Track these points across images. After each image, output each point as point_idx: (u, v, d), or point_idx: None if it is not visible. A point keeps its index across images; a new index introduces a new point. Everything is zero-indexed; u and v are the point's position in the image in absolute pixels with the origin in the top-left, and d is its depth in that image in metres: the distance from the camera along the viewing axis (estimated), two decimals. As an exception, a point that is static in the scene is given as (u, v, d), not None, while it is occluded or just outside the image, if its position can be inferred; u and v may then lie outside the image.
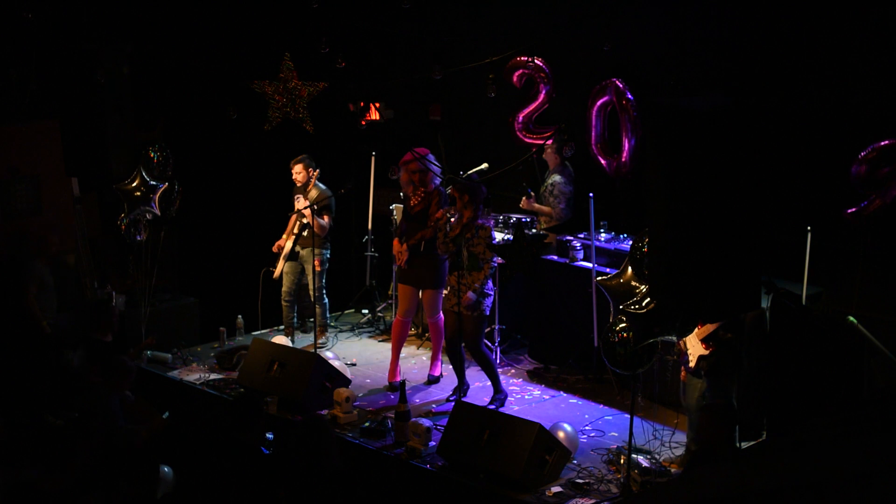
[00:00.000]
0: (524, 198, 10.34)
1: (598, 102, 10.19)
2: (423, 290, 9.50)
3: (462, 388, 9.22)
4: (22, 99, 10.90)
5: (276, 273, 10.53)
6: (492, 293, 9.04)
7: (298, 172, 10.35)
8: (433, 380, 9.66)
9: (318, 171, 10.35)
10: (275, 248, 10.49)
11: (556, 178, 10.35)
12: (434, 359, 9.74)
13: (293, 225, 10.42)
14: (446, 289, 9.13)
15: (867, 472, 4.27)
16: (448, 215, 8.97)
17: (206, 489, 6.08)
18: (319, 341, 10.18)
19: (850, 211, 8.52)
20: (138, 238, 10.31)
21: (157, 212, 10.34)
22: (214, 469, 6.03)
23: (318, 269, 10.32)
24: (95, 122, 9.63)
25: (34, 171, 11.02)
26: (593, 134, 10.28)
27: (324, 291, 10.50)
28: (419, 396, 9.34)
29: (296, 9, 9.85)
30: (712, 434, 6.55)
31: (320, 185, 10.39)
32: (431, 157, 9.40)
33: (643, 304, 7.62)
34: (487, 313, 9.02)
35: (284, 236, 10.50)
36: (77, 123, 9.73)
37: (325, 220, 10.22)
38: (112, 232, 10.80)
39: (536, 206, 10.36)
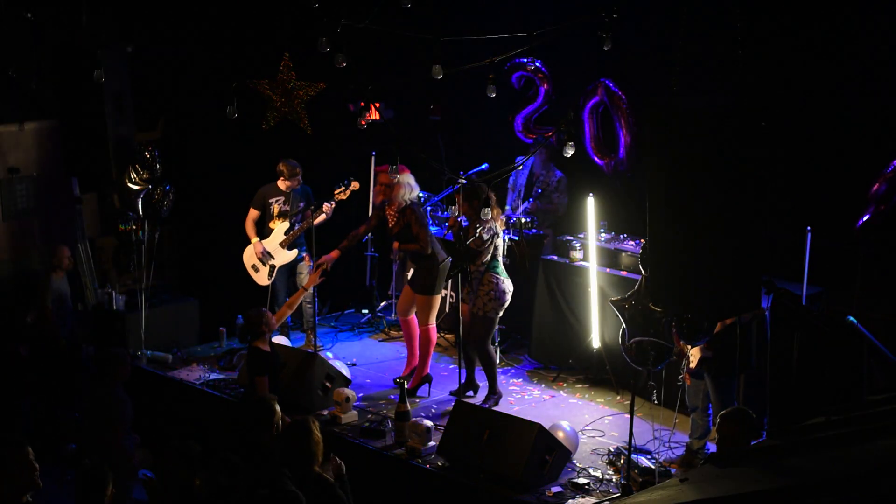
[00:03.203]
0: (532, 201, 10.30)
1: (590, 104, 10.19)
2: (416, 294, 9.38)
3: (472, 386, 9.20)
4: (22, 99, 10.90)
5: (270, 279, 10.40)
6: (503, 298, 8.97)
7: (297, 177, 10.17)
8: (425, 379, 9.59)
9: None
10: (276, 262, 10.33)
11: (558, 172, 10.32)
12: (422, 362, 9.54)
13: (289, 236, 10.26)
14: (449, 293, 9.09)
15: (867, 472, 4.27)
16: (458, 219, 8.94)
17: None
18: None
19: (859, 223, 8.52)
20: (137, 238, 10.29)
21: (140, 213, 10.25)
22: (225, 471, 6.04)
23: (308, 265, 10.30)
24: (95, 122, 9.63)
25: (34, 171, 11.03)
26: (587, 135, 10.29)
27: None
28: (419, 396, 9.34)
29: (296, 9, 9.85)
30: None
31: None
32: (411, 178, 9.21)
33: (627, 302, 7.64)
34: (498, 315, 8.99)
35: (266, 244, 10.26)
36: (77, 123, 9.74)
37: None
38: (112, 232, 10.79)
39: (542, 207, 10.35)
